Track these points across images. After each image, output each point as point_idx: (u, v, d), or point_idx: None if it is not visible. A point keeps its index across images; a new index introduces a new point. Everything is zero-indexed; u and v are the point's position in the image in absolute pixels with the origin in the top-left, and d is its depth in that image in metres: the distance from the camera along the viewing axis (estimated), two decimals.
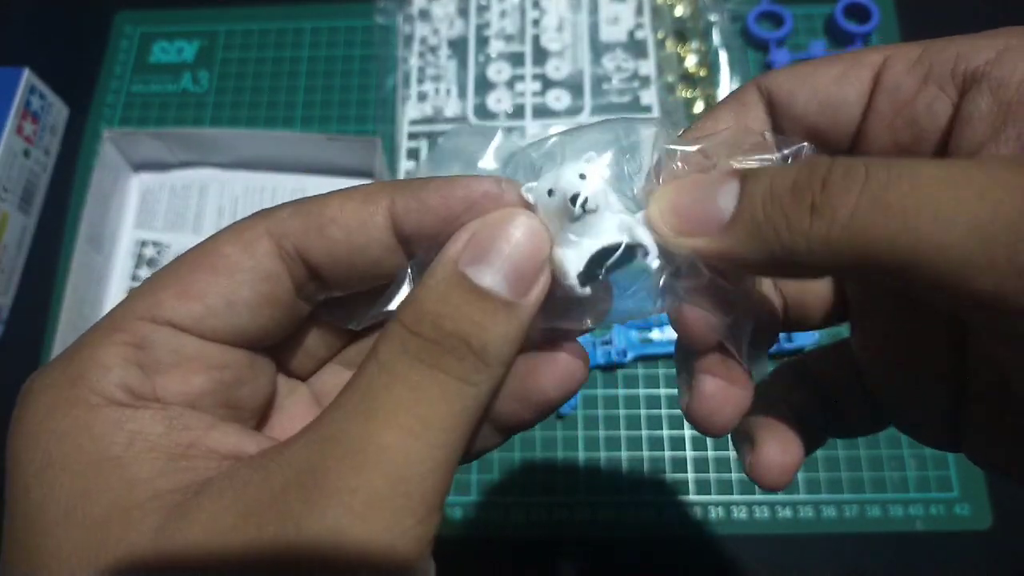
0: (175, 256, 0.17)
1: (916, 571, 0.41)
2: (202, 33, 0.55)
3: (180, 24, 0.56)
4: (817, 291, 0.21)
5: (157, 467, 0.15)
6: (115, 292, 0.47)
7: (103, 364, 0.16)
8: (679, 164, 0.18)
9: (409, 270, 0.17)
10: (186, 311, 0.16)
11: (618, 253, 0.17)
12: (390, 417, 0.15)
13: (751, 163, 0.17)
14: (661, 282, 0.18)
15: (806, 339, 0.43)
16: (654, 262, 0.17)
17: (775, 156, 0.17)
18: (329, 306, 0.19)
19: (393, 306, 0.17)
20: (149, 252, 0.48)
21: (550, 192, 0.17)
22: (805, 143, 0.18)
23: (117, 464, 0.15)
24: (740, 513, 0.41)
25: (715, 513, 0.42)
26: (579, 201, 0.16)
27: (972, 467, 0.42)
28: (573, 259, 0.17)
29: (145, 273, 0.48)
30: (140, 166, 0.50)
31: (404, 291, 0.17)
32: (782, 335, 0.35)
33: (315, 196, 0.17)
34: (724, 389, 0.19)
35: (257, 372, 0.18)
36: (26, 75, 0.50)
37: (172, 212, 0.49)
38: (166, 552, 0.14)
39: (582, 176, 0.17)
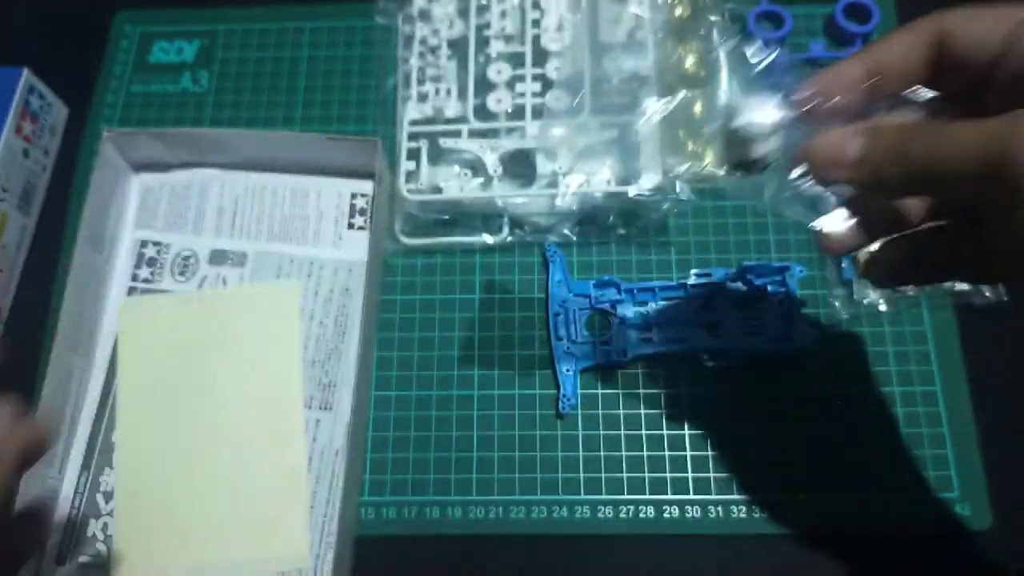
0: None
1: (916, 571, 0.41)
2: (202, 33, 0.55)
3: (180, 24, 0.56)
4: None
5: None
6: (115, 292, 0.47)
7: None
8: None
9: None
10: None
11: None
12: None
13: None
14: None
15: (805, 340, 0.43)
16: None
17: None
18: None
19: None
20: (149, 252, 0.48)
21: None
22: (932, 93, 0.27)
23: None
24: (740, 513, 0.42)
25: (714, 512, 0.42)
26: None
27: (972, 467, 0.42)
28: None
29: (145, 273, 0.48)
30: (140, 166, 0.50)
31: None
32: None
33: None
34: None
35: None
36: (25, 75, 0.50)
37: (172, 212, 0.49)
38: None
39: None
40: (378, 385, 0.45)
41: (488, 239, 0.47)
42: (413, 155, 0.48)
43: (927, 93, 0.27)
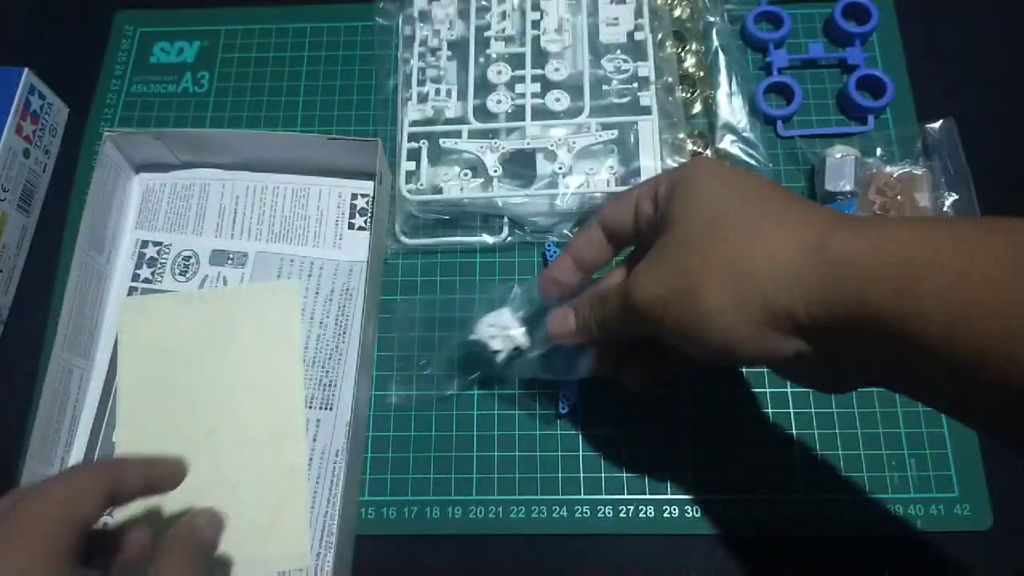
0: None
1: (916, 571, 0.41)
2: (202, 33, 0.55)
3: (180, 24, 0.56)
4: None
5: None
6: (116, 292, 0.47)
7: None
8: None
9: None
10: None
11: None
12: None
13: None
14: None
15: None
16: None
17: None
18: None
19: None
20: (150, 252, 0.48)
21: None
22: None
23: None
24: (739, 512, 0.42)
25: (714, 512, 0.42)
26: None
27: (972, 467, 0.42)
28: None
29: (146, 273, 0.48)
30: (141, 166, 0.50)
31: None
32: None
33: None
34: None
35: None
36: (26, 75, 0.50)
37: (173, 212, 0.49)
38: None
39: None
40: (378, 385, 0.45)
41: (488, 239, 0.48)
42: (413, 155, 0.48)
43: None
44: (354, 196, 0.49)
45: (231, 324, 0.46)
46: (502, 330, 0.40)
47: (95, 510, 0.30)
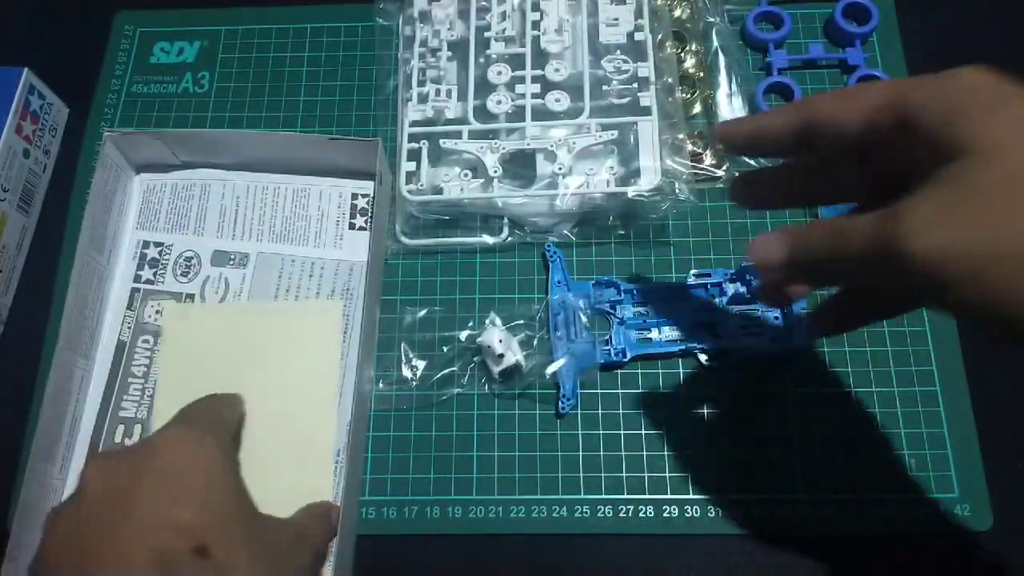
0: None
1: (916, 571, 0.41)
2: (202, 33, 0.55)
3: (181, 25, 0.56)
4: None
5: None
6: (117, 292, 0.47)
7: None
8: None
9: None
10: None
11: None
12: None
13: None
14: None
15: (806, 341, 0.44)
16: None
17: None
18: None
19: None
20: (151, 252, 0.48)
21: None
22: None
23: None
24: (739, 512, 0.42)
25: (713, 512, 0.42)
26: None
27: (972, 467, 0.42)
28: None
29: (148, 274, 0.48)
30: (142, 167, 0.50)
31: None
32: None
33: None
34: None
35: None
36: (26, 75, 0.50)
37: (174, 213, 0.49)
38: None
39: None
40: (378, 385, 0.45)
41: (488, 239, 0.48)
42: (414, 156, 0.48)
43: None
44: (354, 196, 0.49)
45: (271, 338, 0.46)
46: (507, 346, 0.43)
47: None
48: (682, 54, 0.51)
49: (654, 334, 0.45)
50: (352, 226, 0.49)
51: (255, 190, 0.49)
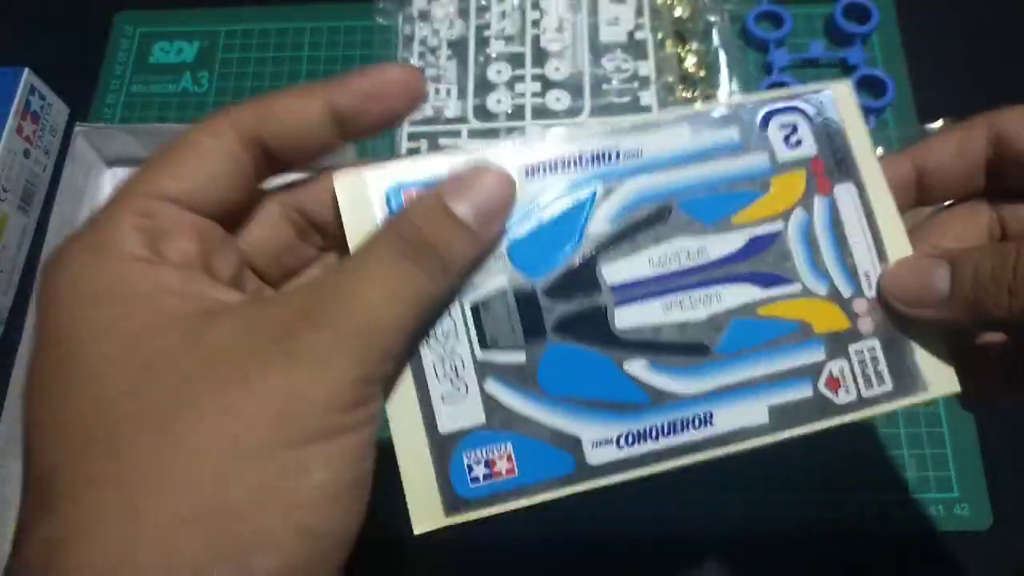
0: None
1: (916, 571, 0.41)
2: (202, 33, 0.55)
3: (180, 24, 0.56)
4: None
5: (179, 302, 0.19)
6: None
7: (124, 231, 0.20)
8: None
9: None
10: (178, 188, 0.20)
11: None
12: (376, 282, 0.19)
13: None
14: None
15: None
16: None
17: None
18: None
19: (330, 162, 0.23)
20: None
21: None
22: None
23: (147, 298, 0.19)
24: (739, 512, 0.42)
25: (713, 512, 0.42)
26: None
27: (972, 467, 0.42)
28: None
29: None
30: (113, 161, 0.50)
31: (348, 153, 0.23)
32: None
33: (269, 93, 0.22)
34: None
35: (229, 247, 0.22)
36: (26, 75, 0.50)
37: None
38: (192, 348, 0.18)
39: None
40: None
41: None
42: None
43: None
44: None
45: None
46: None
47: None
48: (682, 53, 0.51)
49: None
50: None
51: None
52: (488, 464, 0.22)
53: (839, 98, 0.24)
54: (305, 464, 0.18)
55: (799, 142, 0.24)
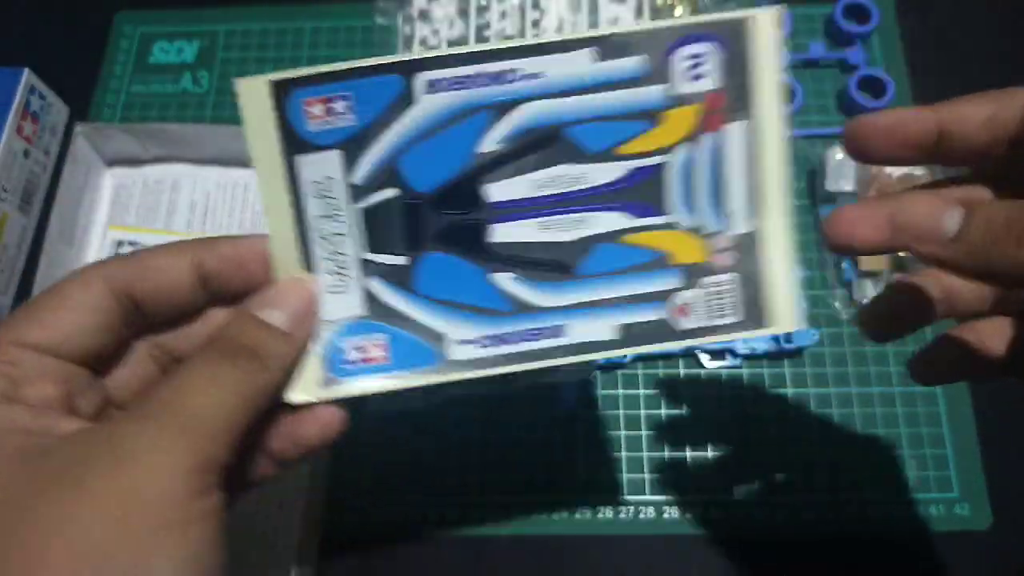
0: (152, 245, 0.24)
1: (915, 571, 0.41)
2: (202, 33, 0.55)
3: (180, 24, 0.56)
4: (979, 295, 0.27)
5: (22, 439, 0.20)
6: None
7: None
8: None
9: None
10: (42, 336, 0.22)
11: None
12: (195, 378, 0.21)
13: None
14: None
15: (805, 339, 0.43)
16: None
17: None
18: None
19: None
20: (124, 248, 0.48)
21: None
22: None
23: None
24: (739, 513, 0.42)
25: (714, 513, 0.42)
26: None
27: (971, 467, 0.42)
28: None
29: None
30: (113, 161, 0.50)
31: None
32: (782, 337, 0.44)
33: (142, 249, 0.24)
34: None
35: (93, 387, 0.23)
36: (26, 75, 0.50)
37: (145, 207, 0.49)
38: (33, 475, 0.19)
39: None
40: None
41: None
42: None
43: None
44: None
45: None
46: None
47: None
48: None
49: None
50: None
51: (225, 185, 0.49)
52: (362, 350, 0.25)
53: (758, 27, 0.23)
54: (148, 562, 0.18)
55: (700, 76, 0.24)
